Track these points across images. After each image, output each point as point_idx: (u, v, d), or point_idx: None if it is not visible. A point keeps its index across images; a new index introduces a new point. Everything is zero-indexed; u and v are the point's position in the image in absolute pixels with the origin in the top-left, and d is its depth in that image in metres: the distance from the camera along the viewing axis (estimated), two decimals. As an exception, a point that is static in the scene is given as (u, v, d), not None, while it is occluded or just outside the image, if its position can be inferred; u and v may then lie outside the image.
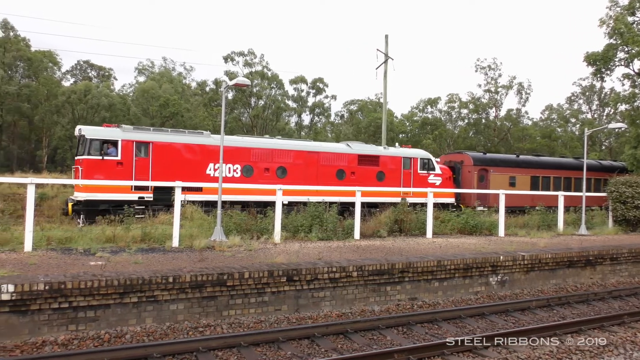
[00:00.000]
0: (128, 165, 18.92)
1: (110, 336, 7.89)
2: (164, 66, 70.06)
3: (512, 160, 30.05)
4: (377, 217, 17.97)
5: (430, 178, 25.48)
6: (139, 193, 19.00)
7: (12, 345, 7.35)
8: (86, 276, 8.23)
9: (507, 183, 28.32)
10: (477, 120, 66.06)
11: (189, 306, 8.91)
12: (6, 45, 53.53)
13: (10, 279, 7.76)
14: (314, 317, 9.60)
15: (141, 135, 19.67)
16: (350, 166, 23.52)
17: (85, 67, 71.66)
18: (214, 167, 20.39)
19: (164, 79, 62.63)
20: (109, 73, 72.88)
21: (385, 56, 35.28)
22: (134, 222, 14.32)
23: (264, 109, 62.63)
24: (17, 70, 56.05)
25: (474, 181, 27.53)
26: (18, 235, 11.74)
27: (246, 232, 14.41)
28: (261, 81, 61.26)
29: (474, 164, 27.91)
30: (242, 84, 14.61)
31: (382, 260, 11.04)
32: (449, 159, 29.74)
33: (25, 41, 56.38)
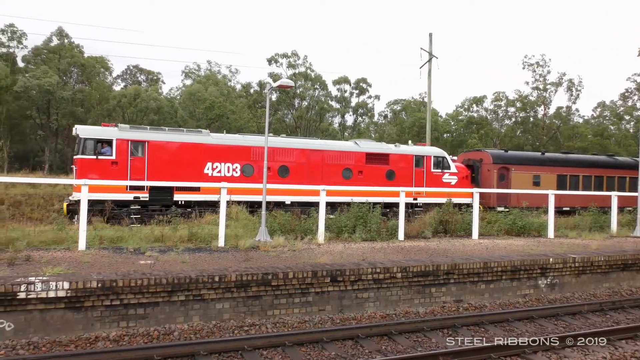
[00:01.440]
0: (123, 164, 18.55)
1: (159, 333, 8.11)
2: (210, 69, 71.48)
3: (536, 158, 28.63)
4: (421, 218, 17.77)
5: (445, 177, 24.46)
6: (135, 193, 18.64)
7: (67, 340, 7.66)
8: (136, 275, 8.48)
9: (531, 182, 27.00)
10: (524, 119, 64.46)
11: (234, 305, 9.04)
12: (61, 52, 55.79)
13: (65, 277, 8.09)
14: (358, 318, 9.58)
15: (137, 134, 19.29)
16: (357, 165, 22.71)
17: (135, 71, 73.86)
18: (212, 166, 20.00)
19: (209, 81, 63.88)
20: (157, 77, 74.88)
21: (429, 55, 34.87)
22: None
23: (307, 110, 63.00)
24: (71, 76, 58.29)
25: (493, 180, 26.32)
26: (73, 235, 12.21)
27: (290, 232, 14.50)
28: (304, 82, 61.66)
29: (493, 162, 26.68)
30: (286, 86, 14.72)
31: (426, 261, 10.91)
32: (468, 157, 28.69)
33: (78, 48, 58.60)
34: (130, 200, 18.50)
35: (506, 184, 26.49)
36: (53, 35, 56.82)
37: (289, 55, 61.86)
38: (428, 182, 23.94)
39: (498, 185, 26.09)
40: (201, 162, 19.87)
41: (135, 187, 18.55)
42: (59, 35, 56.75)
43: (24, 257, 10.01)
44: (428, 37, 35.21)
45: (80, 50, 58.85)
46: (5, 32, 54.65)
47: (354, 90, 67.69)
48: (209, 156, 19.99)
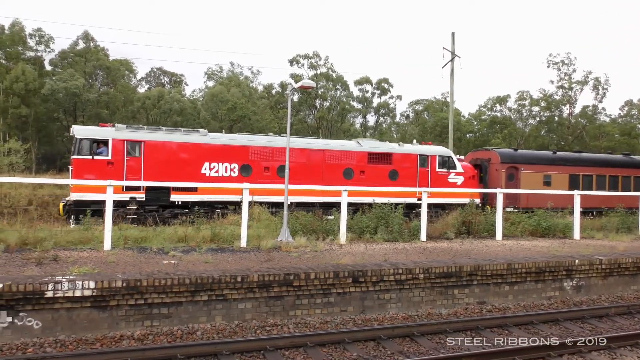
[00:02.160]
0: (119, 164, 18.42)
1: (182, 332, 8.20)
2: (232, 71, 71.99)
3: (547, 157, 27.74)
4: (444, 219, 17.63)
5: (451, 177, 23.87)
6: (131, 193, 18.49)
7: (93, 338, 7.79)
8: (160, 274, 8.59)
9: (541, 182, 26.16)
10: (549, 118, 63.46)
11: (256, 305, 9.10)
12: (87, 55, 56.83)
13: (91, 276, 8.23)
14: (380, 319, 9.55)
15: (133, 134, 19.15)
16: (359, 165, 22.32)
17: (159, 73, 74.83)
18: (210, 166, 19.84)
19: (231, 83, 64.36)
20: (180, 79, 75.74)
21: (451, 54, 34.60)
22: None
23: (329, 111, 63.03)
24: (96, 79, 59.32)
25: (501, 180, 25.57)
26: (98, 235, 12.41)
27: (312, 233, 14.53)
28: (326, 83, 61.73)
29: (501, 162, 25.93)
30: (308, 86, 14.76)
31: (449, 262, 10.83)
32: (476, 156, 27.97)
33: (104, 51, 59.63)
34: (126, 200, 18.32)
35: (515, 184, 25.73)
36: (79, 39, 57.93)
37: (310, 56, 61.97)
38: (433, 182, 23.44)
39: (506, 185, 25.36)
40: (198, 162, 19.71)
41: (131, 188, 18.39)
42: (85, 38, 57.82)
43: (52, 257, 10.22)
44: (450, 36, 34.95)
45: (106, 53, 59.87)
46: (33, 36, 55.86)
47: (376, 90, 67.52)
48: (206, 156, 19.82)
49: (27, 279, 7.86)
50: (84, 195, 17.49)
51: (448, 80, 35.34)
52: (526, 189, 24.48)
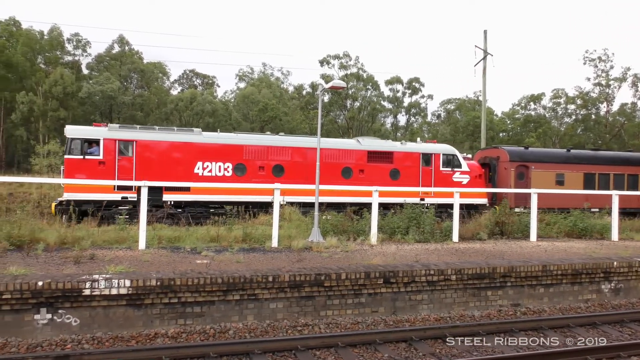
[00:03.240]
0: (110, 164, 18.26)
1: (214, 331, 8.30)
2: (263, 72, 72.62)
3: (559, 155, 26.52)
4: (476, 220, 17.39)
5: (456, 176, 22.95)
6: (122, 193, 18.30)
7: (128, 336, 7.96)
8: (193, 274, 8.71)
9: (554, 181, 25.06)
10: (586, 116, 61.91)
11: (287, 305, 9.14)
12: (122, 59, 58.17)
13: (127, 275, 8.41)
14: (412, 320, 9.48)
15: (125, 134, 18.94)
16: (358, 164, 21.66)
17: (191, 75, 75.95)
18: (203, 166, 19.54)
19: (262, 84, 64.91)
20: (212, 81, 76.76)
21: (484, 52, 34.14)
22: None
23: (359, 111, 62.95)
24: (131, 81, 60.63)
25: (510, 179, 24.66)
26: (133, 234, 12.67)
27: (343, 233, 14.53)
28: (356, 83, 61.68)
29: (510, 160, 24.93)
30: (338, 87, 14.74)
31: (482, 263, 10.68)
32: (484, 154, 27.01)
33: (138, 54, 60.97)
34: (118, 200, 18.27)
35: (525, 184, 24.78)
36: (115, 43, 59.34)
37: (340, 57, 62.01)
38: (437, 182, 22.67)
39: (516, 185, 24.52)
40: (191, 161, 19.46)
41: (123, 187, 18.19)
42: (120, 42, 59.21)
43: (89, 256, 10.48)
44: (482, 34, 34.47)
45: (140, 56, 61.18)
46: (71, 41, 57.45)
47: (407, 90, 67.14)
48: (200, 155, 19.56)
49: (66, 277, 8.08)
50: (77, 195, 17.53)
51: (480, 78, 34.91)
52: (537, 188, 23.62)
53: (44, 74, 53.24)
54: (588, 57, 60.40)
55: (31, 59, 54.60)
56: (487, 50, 34.12)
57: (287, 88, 72.62)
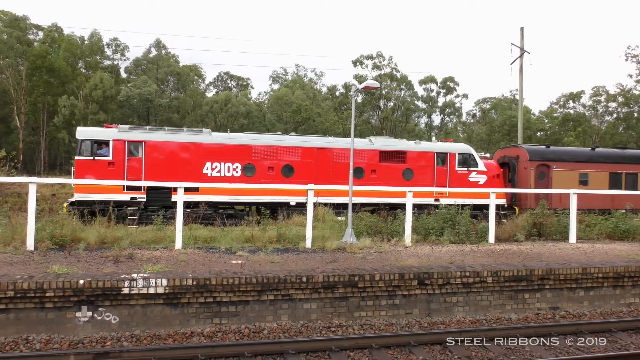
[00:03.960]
0: (120, 165, 18.46)
1: (249, 331, 8.39)
2: (296, 73, 72.96)
3: (583, 154, 25.42)
4: (513, 220, 17.06)
5: (472, 176, 22.34)
6: (132, 193, 18.49)
7: (165, 334, 8.12)
8: (228, 274, 8.82)
9: (577, 181, 24.01)
10: (627, 114, 60.00)
11: (321, 306, 9.16)
12: (159, 62, 59.40)
13: (164, 274, 8.58)
14: (447, 323, 9.38)
15: (134, 134, 19.13)
16: (370, 163, 21.30)
17: (226, 78, 76.95)
18: (211, 166, 19.54)
19: (296, 85, 65.25)
20: (246, 83, 77.60)
21: (520, 50, 33.50)
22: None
23: (393, 111, 62.61)
24: (168, 84, 61.82)
25: (530, 179, 23.77)
26: (170, 234, 12.91)
27: (376, 234, 14.47)
28: (390, 83, 61.37)
29: (530, 159, 24.00)
30: (371, 87, 14.69)
31: (519, 265, 10.48)
32: (504, 154, 26.12)
33: (174, 58, 62.12)
34: (127, 201, 18.44)
35: (546, 183, 23.92)
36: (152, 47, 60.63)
37: (374, 57, 61.81)
38: (452, 182, 22.07)
39: (536, 185, 23.65)
40: (200, 162, 19.50)
41: (132, 188, 18.41)
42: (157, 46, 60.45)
43: (127, 255, 10.73)
44: (519, 31, 33.82)
45: (176, 59, 62.35)
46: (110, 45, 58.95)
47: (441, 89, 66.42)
48: (208, 156, 19.59)
49: (106, 276, 8.30)
50: (87, 195, 17.83)
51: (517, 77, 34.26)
52: (559, 188, 22.62)
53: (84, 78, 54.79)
54: (630, 53, 58.53)
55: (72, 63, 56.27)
56: (524, 47, 33.46)
57: (320, 89, 72.83)
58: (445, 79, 65.68)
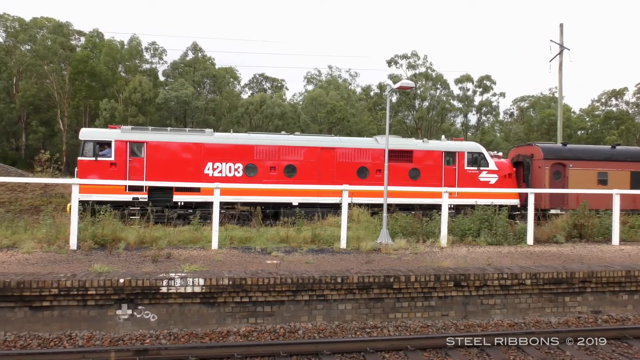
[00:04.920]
0: (122, 165, 18.56)
1: (284, 331, 8.44)
2: (331, 74, 72.98)
3: (602, 152, 24.18)
4: (552, 222, 16.66)
5: (482, 175, 21.67)
6: (133, 194, 18.54)
7: (202, 333, 8.25)
8: (263, 274, 8.90)
9: (595, 181, 22.90)
10: (675, 112, 57.81)
11: (356, 307, 9.15)
12: (195, 65, 60.38)
13: (200, 274, 8.72)
14: (484, 325, 9.23)
15: (136, 135, 19.21)
16: (375, 163, 20.78)
17: (261, 79, 77.62)
18: (213, 166, 19.46)
19: (330, 86, 65.27)
20: (281, 84, 78.07)
21: (559, 47, 32.69)
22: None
23: (428, 111, 61.98)
24: (204, 87, 62.77)
25: (544, 179, 22.69)
26: (207, 235, 13.12)
27: (412, 235, 14.36)
28: (425, 82, 60.76)
29: (544, 158, 22.87)
30: (406, 87, 14.59)
31: (559, 267, 10.22)
32: (518, 152, 25.04)
33: (210, 60, 63.03)
34: (129, 201, 18.52)
35: (562, 183, 22.84)
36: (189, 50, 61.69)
37: (408, 56, 61.34)
38: (461, 182, 21.43)
39: (551, 185, 22.61)
40: (201, 162, 19.45)
41: (134, 188, 18.46)
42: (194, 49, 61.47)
43: (165, 255, 10.96)
44: (558, 28, 33.02)
45: (212, 62, 63.24)
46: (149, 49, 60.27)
47: (477, 88, 65.37)
48: (210, 156, 19.53)
49: (145, 275, 8.49)
50: (90, 196, 17.82)
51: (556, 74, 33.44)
52: (576, 188, 21.69)
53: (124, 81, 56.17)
54: (677, 48, 56.41)
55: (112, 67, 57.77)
56: (563, 44, 32.64)
57: (354, 89, 72.68)
58: (482, 77, 64.64)
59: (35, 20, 56.46)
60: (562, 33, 32.80)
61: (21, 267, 9.52)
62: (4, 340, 7.66)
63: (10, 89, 55.15)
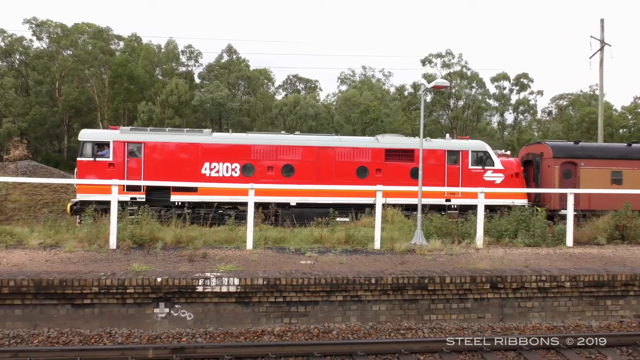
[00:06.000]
0: (120, 166, 18.82)
1: (318, 331, 8.46)
2: (364, 74, 72.73)
3: (616, 150, 23.09)
4: (593, 222, 16.20)
5: (487, 175, 21.04)
6: (131, 194, 18.76)
7: (237, 332, 8.35)
8: (297, 274, 8.94)
9: (609, 180, 21.79)
10: None
11: (390, 308, 9.10)
12: (230, 67, 61.09)
13: (236, 274, 8.83)
14: (521, 328, 9.05)
15: (134, 136, 19.42)
16: (375, 162, 20.50)
17: (294, 80, 77.94)
18: (210, 166, 19.54)
19: (364, 86, 65.04)
20: (314, 85, 78.20)
21: (600, 43, 31.79)
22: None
23: (463, 110, 61.09)
24: (239, 88, 63.44)
25: (553, 178, 21.84)
26: (241, 235, 13.26)
27: (447, 236, 14.19)
28: (460, 81, 59.92)
29: (553, 157, 21.96)
30: (441, 86, 14.44)
31: (600, 270, 9.94)
32: (528, 151, 24.21)
33: (245, 62, 63.65)
34: (127, 201, 18.56)
35: (573, 183, 21.84)
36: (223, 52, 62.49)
37: (443, 55, 60.59)
38: (465, 181, 20.87)
39: (561, 184, 21.70)
40: (198, 162, 19.55)
41: (132, 188, 18.71)
42: (229, 51, 62.21)
43: (201, 255, 11.12)
44: (599, 23, 32.11)
45: (247, 64, 63.82)
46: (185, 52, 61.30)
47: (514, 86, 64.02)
48: (207, 156, 19.62)
49: (181, 275, 8.65)
50: (88, 196, 18.22)
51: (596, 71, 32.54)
52: (589, 187, 20.82)
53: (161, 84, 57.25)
54: None
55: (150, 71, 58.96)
56: (604, 40, 31.72)
57: (388, 89, 72.23)
58: (519, 75, 63.23)
59: (77, 26, 58.07)
60: (602, 29, 31.90)
61: (64, 266, 9.82)
62: (47, 337, 7.92)
63: (53, 93, 56.86)
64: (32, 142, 49.75)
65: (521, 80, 63.35)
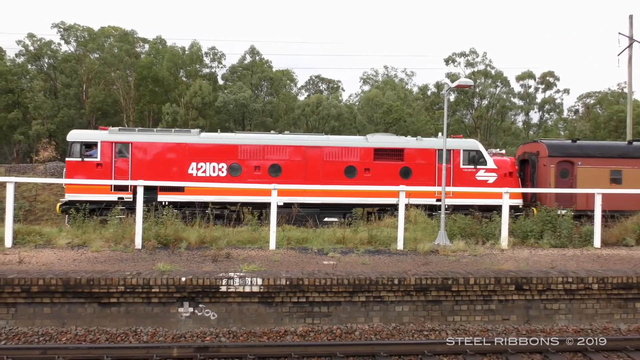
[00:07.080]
0: (107, 166, 19.04)
1: (341, 331, 8.46)
2: (387, 74, 72.46)
3: (615, 149, 22.33)
4: (622, 223, 15.86)
5: (480, 174, 20.66)
6: (119, 193, 18.96)
7: (260, 332, 8.40)
8: (320, 274, 8.96)
9: (607, 179, 21.17)
10: None
11: (413, 309, 9.05)
12: (253, 69, 61.47)
13: (259, 274, 8.88)
14: (547, 331, 8.92)
15: (121, 136, 19.58)
16: (363, 162, 20.28)
17: (317, 81, 77.98)
18: (197, 166, 19.62)
19: (387, 86, 64.81)
20: (337, 85, 78.12)
21: (629, 39, 31.13)
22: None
23: (487, 109, 60.39)
24: (261, 89, 63.78)
25: (549, 177, 21.27)
26: (264, 235, 13.33)
27: (470, 236, 14.05)
28: (484, 80, 59.26)
29: (549, 155, 21.37)
30: (464, 85, 14.31)
31: (629, 272, 9.73)
32: (524, 150, 23.58)
33: (268, 63, 63.98)
34: (114, 201, 18.86)
35: (570, 182, 21.32)
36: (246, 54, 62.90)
37: (466, 54, 60.00)
38: (456, 181, 20.44)
39: (557, 184, 21.16)
40: (185, 162, 19.64)
41: (119, 188, 18.91)
42: (252, 53, 62.59)
43: (225, 255, 11.21)
44: (627, 19, 31.45)
45: (269, 65, 64.12)
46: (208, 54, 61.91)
47: (540, 85, 63.05)
48: (193, 156, 19.70)
49: (205, 274, 8.74)
50: (77, 195, 18.49)
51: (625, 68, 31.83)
52: (586, 187, 20.11)
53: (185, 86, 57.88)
54: None
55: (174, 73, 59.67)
56: (633, 36, 31.05)
57: (411, 89, 71.81)
58: (544, 73, 62.29)
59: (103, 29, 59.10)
60: (631, 25, 31.23)
61: (91, 265, 10.01)
62: (75, 335, 8.08)
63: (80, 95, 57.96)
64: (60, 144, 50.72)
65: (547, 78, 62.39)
